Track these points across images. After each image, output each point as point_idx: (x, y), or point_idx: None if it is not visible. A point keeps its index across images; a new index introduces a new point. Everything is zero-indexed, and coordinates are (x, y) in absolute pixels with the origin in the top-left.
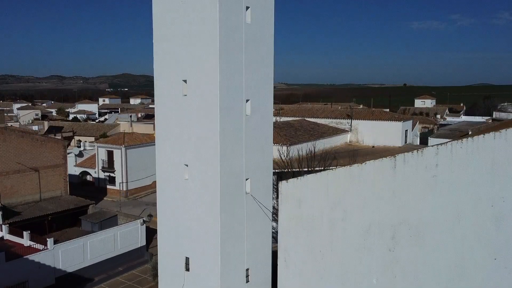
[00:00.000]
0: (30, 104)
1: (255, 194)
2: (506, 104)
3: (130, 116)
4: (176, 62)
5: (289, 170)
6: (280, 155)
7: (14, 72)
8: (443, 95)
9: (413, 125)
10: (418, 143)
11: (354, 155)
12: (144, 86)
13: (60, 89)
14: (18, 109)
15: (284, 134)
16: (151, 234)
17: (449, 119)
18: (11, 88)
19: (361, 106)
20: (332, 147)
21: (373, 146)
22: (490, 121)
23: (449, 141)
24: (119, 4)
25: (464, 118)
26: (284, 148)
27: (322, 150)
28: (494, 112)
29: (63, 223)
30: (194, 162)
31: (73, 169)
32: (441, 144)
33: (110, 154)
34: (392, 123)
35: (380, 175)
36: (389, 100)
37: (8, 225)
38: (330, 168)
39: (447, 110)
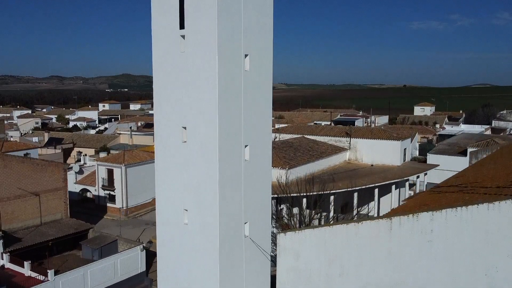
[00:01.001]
0: (30, 112)
1: (254, 237)
2: (505, 112)
3: (130, 128)
4: (176, 109)
5: (288, 195)
6: (278, 181)
7: (14, 73)
8: (443, 102)
9: (412, 136)
10: (417, 154)
11: (353, 176)
12: (144, 86)
13: (60, 90)
14: (18, 117)
15: (283, 156)
16: (151, 257)
17: (448, 128)
18: (10, 89)
19: (361, 112)
20: (331, 166)
21: (372, 165)
22: (489, 130)
23: (444, 209)
24: (119, 5)
25: (463, 126)
26: (283, 172)
27: (322, 170)
28: (493, 121)
29: (63, 246)
30: (194, 207)
31: (73, 186)
32: (435, 210)
33: (110, 173)
34: (390, 142)
35: (376, 235)
36: (388, 107)
37: (9, 253)
38: (328, 224)
39: (446, 119)
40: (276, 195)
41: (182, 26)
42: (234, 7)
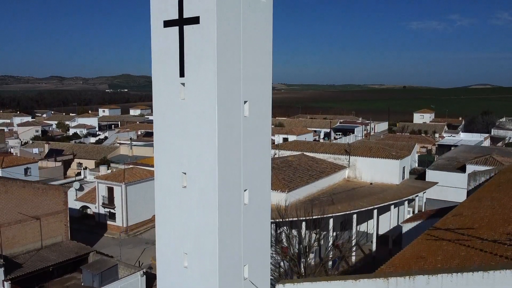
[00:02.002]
0: (30, 119)
1: (253, 279)
2: (504, 120)
3: (130, 139)
4: (176, 155)
5: (287, 219)
6: (277, 206)
7: (14, 73)
8: (442, 104)
9: (411, 148)
10: (417, 165)
11: (352, 197)
12: (144, 86)
13: (60, 90)
14: (18, 125)
15: (282, 177)
16: (151, 280)
17: (448, 137)
18: (10, 89)
19: (360, 119)
20: (331, 186)
21: (371, 183)
22: (489, 139)
23: (440, 274)
24: (119, 5)
25: (462, 135)
26: (283, 195)
27: (321, 190)
28: (492, 129)
29: (64, 269)
30: (194, 251)
31: (74, 203)
32: (431, 274)
33: (110, 191)
34: (389, 161)
35: None
36: (388, 113)
37: (10, 281)
38: (326, 278)
39: (445, 127)
40: (275, 220)
41: (182, 74)
42: (233, 56)
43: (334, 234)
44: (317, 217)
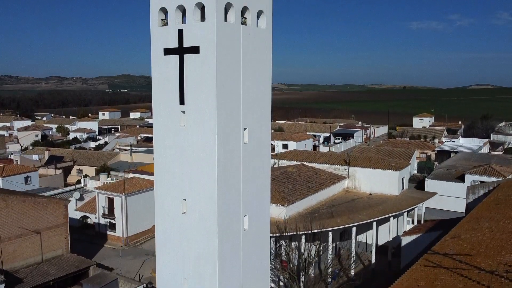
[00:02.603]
0: (30, 123)
1: None
2: (504, 124)
3: (130, 146)
4: (176, 181)
5: (287, 234)
6: (277, 221)
7: (14, 73)
8: (442, 105)
9: (411, 154)
10: (416, 172)
11: (351, 209)
12: (144, 86)
13: (60, 90)
14: (18, 130)
15: (282, 190)
16: None
17: (447, 143)
18: (10, 89)
19: (360, 123)
20: (330, 197)
21: (370, 194)
22: (488, 144)
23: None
24: (118, 5)
25: (462, 140)
26: (283, 208)
27: (321, 202)
28: (492, 134)
29: (64, 283)
30: (194, 277)
31: (74, 213)
32: None
33: (110, 201)
34: (389, 172)
35: None
36: (388, 117)
37: None
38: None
39: (445, 131)
40: (275, 235)
41: (182, 102)
42: (233, 84)
43: (334, 244)
44: (316, 231)
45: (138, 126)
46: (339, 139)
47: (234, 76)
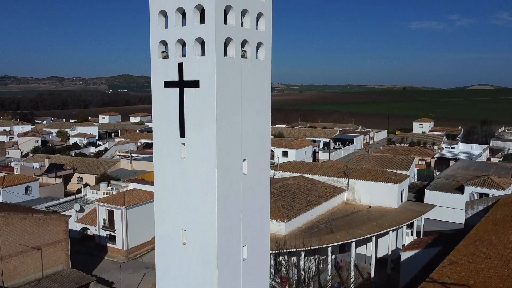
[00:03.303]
0: (30, 128)
1: None
2: (503, 130)
3: (130, 153)
4: (176, 212)
5: (286, 251)
6: (277, 238)
7: (14, 73)
8: (442, 108)
9: (411, 162)
10: (416, 180)
11: (351, 223)
12: (144, 87)
13: (60, 90)
14: (18, 135)
15: (281, 205)
16: None
17: (447, 149)
18: (10, 89)
19: (360, 127)
20: (330, 210)
21: (369, 206)
22: (487, 150)
23: None
24: (118, 5)
25: (461, 146)
26: (282, 224)
27: (321, 216)
28: (491, 140)
29: None
30: None
31: (74, 225)
32: None
33: (110, 214)
34: (388, 185)
35: None
36: (387, 122)
37: None
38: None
39: (444, 137)
40: (274, 252)
41: (182, 134)
42: (233, 117)
43: (334, 257)
44: (316, 247)
45: (138, 131)
46: (338, 144)
47: (234, 109)
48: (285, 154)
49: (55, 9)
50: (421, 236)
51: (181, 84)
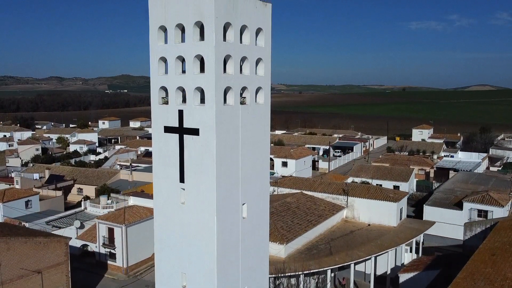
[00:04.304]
0: (30, 135)
1: None
2: (503, 137)
3: (130, 164)
4: (176, 255)
5: (286, 275)
6: (275, 263)
7: (13, 74)
8: (442, 110)
9: (410, 173)
10: (415, 191)
11: (350, 244)
12: (143, 87)
13: (60, 91)
14: (18, 143)
15: (281, 226)
16: None
17: (446, 158)
18: (10, 90)
19: (359, 134)
20: (329, 228)
21: (368, 224)
22: (487, 159)
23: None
24: (118, 5)
25: (460, 155)
26: (282, 247)
27: (320, 235)
28: (490, 149)
29: None
30: None
31: (75, 241)
32: None
33: (110, 231)
34: (387, 203)
35: None
36: (387, 128)
37: None
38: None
39: (444, 145)
40: (274, 276)
41: (182, 180)
42: (232, 163)
43: (333, 274)
44: (315, 270)
45: (138, 137)
46: (338, 152)
47: (234, 155)
48: (284, 164)
49: (55, 9)
50: (420, 253)
51: (181, 130)
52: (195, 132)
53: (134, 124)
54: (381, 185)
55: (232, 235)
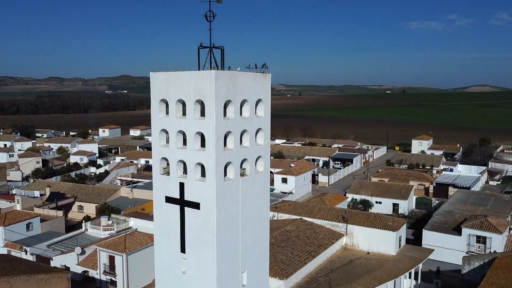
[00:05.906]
0: (30, 144)
1: None
2: (502, 149)
3: (131, 182)
4: None
5: None
6: None
7: (13, 74)
8: (441, 112)
9: (409, 190)
10: (414, 208)
11: (349, 276)
12: (143, 88)
13: (60, 91)
14: (19, 156)
15: (280, 259)
16: None
17: (445, 172)
18: (10, 90)
19: (359, 144)
20: (329, 258)
21: (368, 252)
22: (486, 173)
23: None
24: (118, 5)
25: (459, 168)
26: (281, 283)
27: (320, 265)
28: (489, 162)
29: None
30: None
31: (76, 268)
32: None
33: (111, 259)
34: (386, 232)
35: None
36: (386, 138)
37: None
38: None
39: (443, 158)
40: None
41: (183, 250)
42: (232, 234)
43: None
44: None
45: (138, 148)
46: (338, 163)
47: (234, 227)
48: (284, 180)
49: (55, 10)
50: (419, 279)
51: (181, 202)
52: (196, 206)
53: (134, 132)
54: (380, 202)
55: None
